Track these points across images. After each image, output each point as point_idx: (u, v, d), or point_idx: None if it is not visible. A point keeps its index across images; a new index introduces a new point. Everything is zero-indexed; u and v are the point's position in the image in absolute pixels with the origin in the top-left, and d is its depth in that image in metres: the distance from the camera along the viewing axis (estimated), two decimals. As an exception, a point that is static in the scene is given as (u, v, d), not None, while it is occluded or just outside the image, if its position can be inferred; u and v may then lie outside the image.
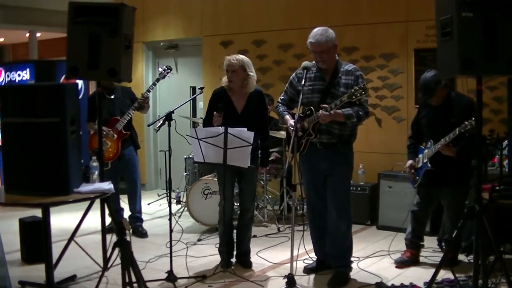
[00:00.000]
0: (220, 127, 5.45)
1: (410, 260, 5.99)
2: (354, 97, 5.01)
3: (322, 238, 5.62)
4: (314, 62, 5.41)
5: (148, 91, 7.23)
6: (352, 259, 5.60)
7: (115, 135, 7.05)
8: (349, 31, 8.27)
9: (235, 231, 6.13)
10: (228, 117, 5.71)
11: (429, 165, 5.71)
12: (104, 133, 6.91)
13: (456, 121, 5.50)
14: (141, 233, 7.29)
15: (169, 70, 7.20)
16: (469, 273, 5.13)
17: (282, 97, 5.67)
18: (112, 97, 7.17)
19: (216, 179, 6.41)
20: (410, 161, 5.97)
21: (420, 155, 5.86)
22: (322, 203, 5.53)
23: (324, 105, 5.14)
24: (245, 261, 6.02)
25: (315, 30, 5.33)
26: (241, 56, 5.84)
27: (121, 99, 7.22)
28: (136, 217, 7.38)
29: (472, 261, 4.80)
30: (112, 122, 7.07)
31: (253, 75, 5.82)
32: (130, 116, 7.09)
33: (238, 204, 6.57)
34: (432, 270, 4.51)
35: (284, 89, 5.67)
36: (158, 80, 7.25)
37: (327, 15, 8.49)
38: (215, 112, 5.70)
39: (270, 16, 9.30)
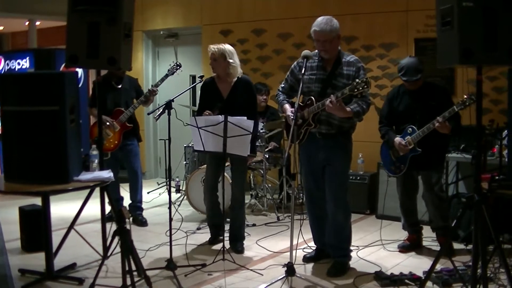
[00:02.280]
0: (219, 116, 5.47)
1: (412, 244, 6.13)
2: (356, 90, 4.98)
3: (321, 227, 5.63)
4: (316, 51, 5.41)
5: (156, 85, 7.22)
6: (351, 247, 5.62)
7: (118, 127, 7.04)
8: (347, 21, 8.24)
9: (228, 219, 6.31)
10: (214, 100, 5.95)
11: (418, 149, 5.73)
12: (108, 123, 6.93)
13: (436, 104, 5.66)
14: (141, 222, 7.30)
15: (178, 67, 7.19)
16: (468, 263, 5.15)
17: (282, 85, 5.67)
18: (119, 86, 7.15)
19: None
20: (398, 138, 5.89)
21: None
22: (320, 192, 5.54)
23: (333, 95, 5.10)
24: (236, 247, 6.10)
25: (320, 18, 5.28)
26: (223, 45, 6.03)
27: (127, 89, 7.22)
28: (137, 206, 7.38)
29: (471, 250, 4.81)
30: (116, 113, 7.04)
31: (234, 62, 6.00)
32: (135, 109, 7.09)
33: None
34: (431, 259, 4.52)
35: (285, 77, 5.66)
36: (167, 76, 7.23)
37: (325, 4, 8.46)
38: (206, 112, 5.94)
39: (268, 5, 9.28)
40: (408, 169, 5.88)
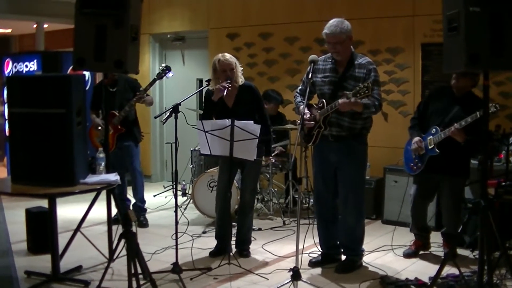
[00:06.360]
0: (226, 120, 5.47)
1: (417, 250, 6.08)
2: (358, 95, 5.00)
3: (328, 230, 5.68)
4: (329, 54, 5.48)
5: (145, 90, 7.10)
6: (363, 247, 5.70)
7: (111, 130, 7.01)
8: (354, 25, 8.14)
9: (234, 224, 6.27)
10: (219, 113, 5.84)
11: (436, 150, 5.69)
12: (99, 128, 6.96)
13: (469, 114, 5.48)
14: (141, 223, 7.29)
15: (167, 71, 7.10)
16: (474, 269, 5.14)
17: (300, 88, 5.73)
18: (114, 89, 7.16)
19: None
20: (418, 137, 5.86)
21: (423, 142, 5.84)
22: (329, 194, 5.61)
23: (346, 92, 5.11)
24: (242, 250, 6.11)
25: (331, 21, 5.36)
26: (227, 54, 5.97)
27: (122, 91, 7.20)
28: (138, 205, 7.40)
29: (477, 256, 4.80)
30: (109, 116, 7.03)
31: (240, 68, 6.02)
32: (127, 112, 7.07)
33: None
34: (437, 265, 4.51)
35: (302, 79, 5.72)
36: (155, 80, 7.16)
37: (331, 9, 8.42)
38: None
39: (275, 9, 9.26)
40: (426, 171, 5.82)
